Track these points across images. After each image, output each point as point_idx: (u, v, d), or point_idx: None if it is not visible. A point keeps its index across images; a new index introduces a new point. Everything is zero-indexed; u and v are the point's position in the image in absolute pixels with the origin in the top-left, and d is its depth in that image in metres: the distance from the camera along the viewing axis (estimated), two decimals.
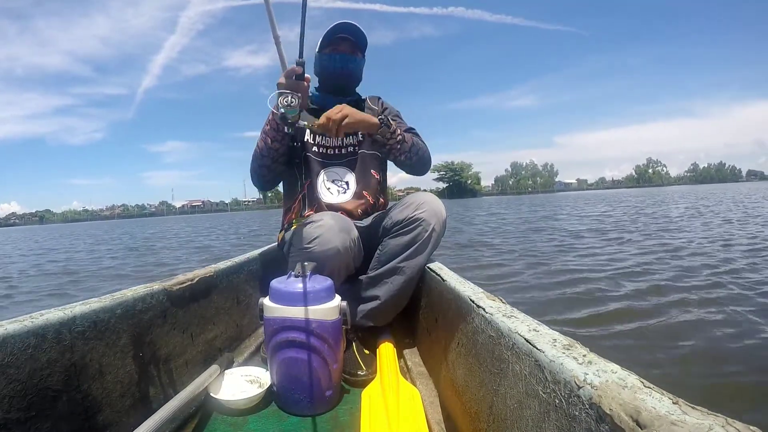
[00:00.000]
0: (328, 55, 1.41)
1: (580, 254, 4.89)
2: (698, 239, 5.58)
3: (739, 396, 1.60)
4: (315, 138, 1.41)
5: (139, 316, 0.89)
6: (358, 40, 1.40)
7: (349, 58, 1.41)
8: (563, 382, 0.47)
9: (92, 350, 0.75)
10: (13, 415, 0.61)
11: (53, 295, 4.43)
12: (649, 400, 0.37)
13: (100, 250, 9.99)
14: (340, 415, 0.97)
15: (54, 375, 0.67)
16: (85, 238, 15.98)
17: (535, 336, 0.57)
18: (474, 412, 0.74)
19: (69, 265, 7.26)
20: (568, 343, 0.53)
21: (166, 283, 1.02)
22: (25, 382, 0.63)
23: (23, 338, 0.63)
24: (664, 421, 0.34)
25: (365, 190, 1.40)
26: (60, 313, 0.71)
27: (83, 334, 0.74)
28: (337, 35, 1.39)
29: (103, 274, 5.76)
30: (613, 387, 0.41)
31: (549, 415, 0.49)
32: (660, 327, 2.29)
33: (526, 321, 0.64)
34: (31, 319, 0.67)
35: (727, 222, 7.74)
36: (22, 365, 0.63)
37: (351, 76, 1.44)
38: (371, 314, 1.25)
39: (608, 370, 0.44)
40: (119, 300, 0.85)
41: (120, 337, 0.83)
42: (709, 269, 3.62)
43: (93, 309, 0.77)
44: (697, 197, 21.63)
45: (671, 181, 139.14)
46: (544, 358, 0.51)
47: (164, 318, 0.98)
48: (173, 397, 0.83)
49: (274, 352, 0.97)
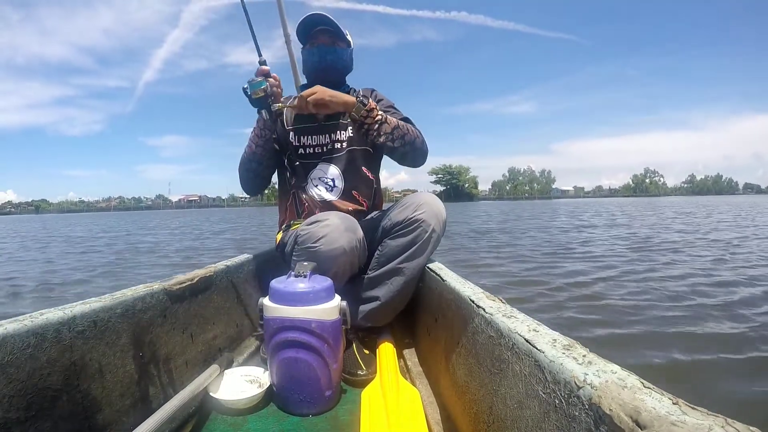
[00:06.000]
0: (308, 50, 1.41)
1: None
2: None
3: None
4: (299, 140, 1.40)
5: (139, 315, 0.89)
6: (337, 29, 1.39)
7: (328, 50, 1.39)
8: (563, 383, 0.47)
9: (92, 350, 0.75)
10: (13, 414, 0.61)
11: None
12: (649, 400, 0.37)
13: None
14: (339, 415, 0.97)
15: (54, 375, 0.67)
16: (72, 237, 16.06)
17: (535, 336, 0.57)
18: (474, 412, 0.74)
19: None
20: (568, 343, 0.53)
21: (166, 283, 1.02)
22: (25, 382, 0.63)
23: (23, 338, 0.63)
24: (664, 422, 0.34)
25: (355, 190, 1.39)
26: (60, 312, 0.71)
27: (83, 333, 0.74)
28: (316, 28, 1.39)
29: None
30: (613, 387, 0.41)
31: (549, 416, 0.49)
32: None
33: (526, 321, 0.64)
34: (31, 318, 0.66)
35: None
36: (22, 365, 0.63)
37: (333, 67, 1.42)
38: (371, 315, 1.25)
39: (608, 371, 0.44)
40: (119, 300, 0.84)
41: (120, 337, 0.83)
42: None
43: (93, 308, 0.77)
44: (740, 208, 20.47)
45: (668, 191, 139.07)
46: (544, 358, 0.51)
47: (164, 318, 0.98)
48: (173, 396, 0.83)
49: (273, 352, 0.97)
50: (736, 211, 17.53)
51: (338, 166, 1.38)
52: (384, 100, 1.48)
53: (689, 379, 1.84)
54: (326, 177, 1.38)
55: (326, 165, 1.38)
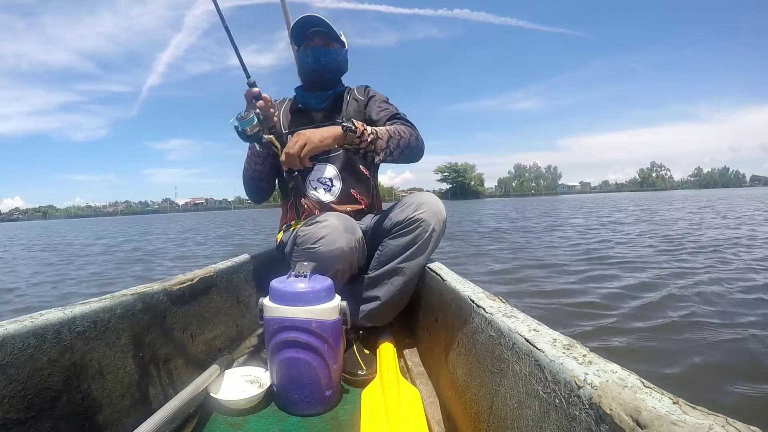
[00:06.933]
0: (302, 51, 1.41)
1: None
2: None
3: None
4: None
5: (139, 316, 0.89)
6: (330, 30, 1.38)
7: (322, 51, 1.39)
8: (563, 382, 0.47)
9: (92, 350, 0.75)
10: (13, 415, 0.61)
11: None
12: (650, 400, 0.37)
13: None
14: (340, 415, 0.96)
15: (54, 375, 0.67)
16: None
17: (535, 336, 0.57)
18: (474, 412, 0.74)
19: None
20: (569, 343, 0.53)
21: (166, 283, 1.02)
22: (25, 382, 0.63)
23: (23, 338, 0.63)
24: (665, 421, 0.34)
25: (353, 189, 1.38)
26: (60, 313, 0.71)
27: (83, 334, 0.74)
28: (309, 30, 1.38)
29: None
30: (613, 387, 0.41)
31: (549, 415, 0.49)
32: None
33: (526, 321, 0.64)
34: (31, 319, 0.66)
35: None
36: (22, 365, 0.63)
37: (327, 69, 1.41)
38: (371, 315, 1.25)
39: (608, 370, 0.44)
40: (119, 300, 0.84)
41: (120, 337, 0.83)
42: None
43: (93, 309, 0.77)
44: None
45: (675, 185, 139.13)
46: (544, 358, 0.51)
47: (164, 318, 0.98)
48: (173, 397, 0.83)
49: (273, 352, 0.97)
50: (755, 204, 16.68)
51: (336, 166, 1.38)
52: (377, 95, 1.46)
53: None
54: (324, 178, 1.38)
55: (323, 165, 1.38)
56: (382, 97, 1.46)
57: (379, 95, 1.46)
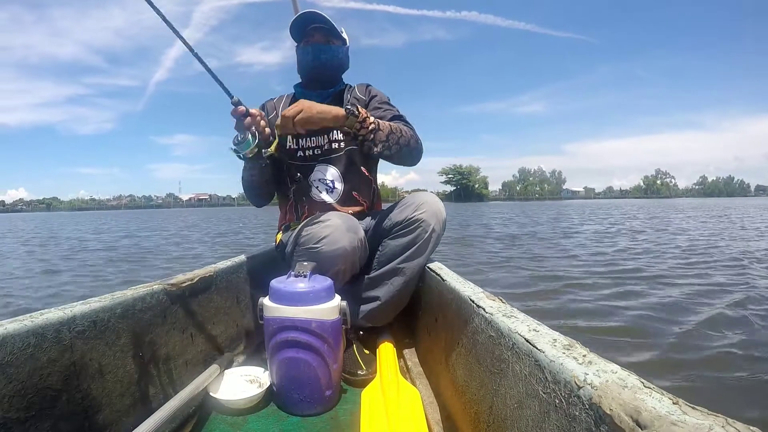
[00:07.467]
0: (302, 48, 1.39)
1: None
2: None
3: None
4: (298, 142, 1.39)
5: (139, 315, 0.89)
6: (331, 27, 1.35)
7: (323, 48, 1.36)
8: (563, 382, 0.47)
9: (92, 350, 0.75)
10: (13, 414, 0.61)
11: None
12: (649, 400, 0.37)
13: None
14: (339, 415, 0.96)
15: (54, 375, 0.67)
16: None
17: (535, 336, 0.57)
18: (474, 412, 0.74)
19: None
20: (568, 343, 0.53)
21: (166, 283, 1.02)
22: (25, 382, 0.63)
23: (23, 338, 0.63)
24: (664, 422, 0.34)
25: (355, 190, 1.38)
26: (60, 312, 0.71)
27: (83, 333, 0.74)
28: (309, 26, 1.36)
29: None
30: (613, 387, 0.41)
31: (549, 416, 0.49)
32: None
33: (526, 321, 0.64)
34: (31, 318, 0.66)
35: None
36: (22, 365, 0.63)
37: (328, 66, 1.39)
38: (371, 315, 1.25)
39: (608, 371, 0.44)
40: (119, 299, 0.84)
41: (120, 337, 0.83)
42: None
43: (93, 308, 0.77)
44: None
45: (679, 193, 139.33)
46: (544, 358, 0.51)
47: (164, 318, 0.98)
48: (173, 396, 0.83)
49: (273, 352, 0.97)
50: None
51: (337, 168, 1.37)
52: (379, 95, 1.44)
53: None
54: (326, 179, 1.37)
55: (325, 166, 1.37)
56: (383, 98, 1.44)
57: (380, 95, 1.45)
